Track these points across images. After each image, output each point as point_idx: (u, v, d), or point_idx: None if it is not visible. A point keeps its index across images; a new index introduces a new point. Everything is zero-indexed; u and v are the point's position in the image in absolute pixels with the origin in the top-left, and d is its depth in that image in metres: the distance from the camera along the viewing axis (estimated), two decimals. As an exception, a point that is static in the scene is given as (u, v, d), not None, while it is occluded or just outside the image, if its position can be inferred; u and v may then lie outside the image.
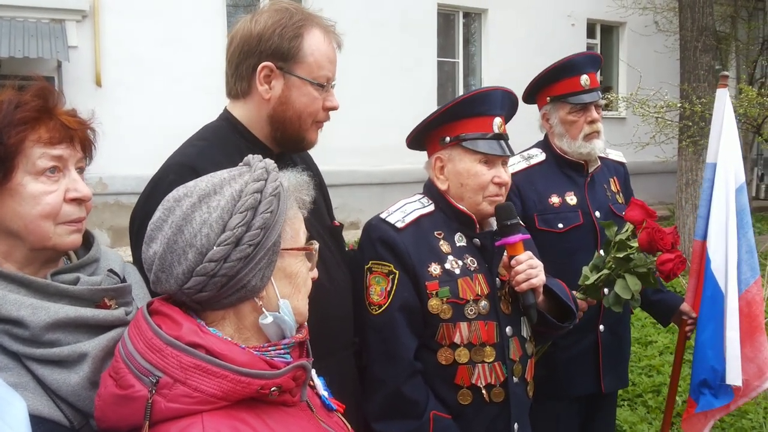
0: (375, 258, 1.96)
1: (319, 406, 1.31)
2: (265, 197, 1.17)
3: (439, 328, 1.92)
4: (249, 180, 1.18)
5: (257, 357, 1.13)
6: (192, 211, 1.14)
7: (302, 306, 1.26)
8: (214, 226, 1.12)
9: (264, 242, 1.16)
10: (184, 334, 1.10)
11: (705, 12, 8.45)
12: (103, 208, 9.14)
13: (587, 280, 2.36)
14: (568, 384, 2.61)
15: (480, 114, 1.98)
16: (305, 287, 1.27)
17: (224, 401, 1.07)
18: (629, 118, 10.86)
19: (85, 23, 8.95)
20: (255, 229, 1.14)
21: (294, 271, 1.24)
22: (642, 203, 2.31)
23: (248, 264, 1.14)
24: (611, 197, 2.73)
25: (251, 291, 1.17)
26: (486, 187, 1.99)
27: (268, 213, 1.16)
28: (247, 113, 1.80)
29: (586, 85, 2.62)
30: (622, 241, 2.30)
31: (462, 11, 11.93)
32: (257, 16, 1.74)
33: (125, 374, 1.09)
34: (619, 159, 2.90)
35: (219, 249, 1.11)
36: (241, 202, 1.15)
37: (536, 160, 2.71)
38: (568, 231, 2.60)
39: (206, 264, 1.11)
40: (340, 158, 10.24)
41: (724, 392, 2.63)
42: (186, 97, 8.77)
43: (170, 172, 1.65)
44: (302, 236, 1.27)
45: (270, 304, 1.20)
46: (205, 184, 1.17)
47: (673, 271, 2.22)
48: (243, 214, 1.13)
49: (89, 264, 1.34)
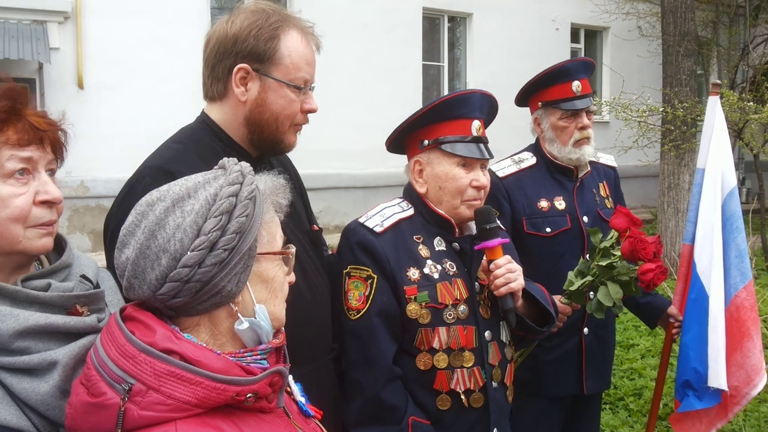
0: (353, 262, 1.95)
1: (296, 413, 1.30)
2: (240, 201, 1.15)
3: (418, 333, 1.92)
4: (224, 183, 1.16)
5: (233, 363, 1.11)
6: (165, 215, 1.12)
7: (279, 311, 1.24)
8: (188, 231, 1.11)
9: (239, 247, 1.14)
10: (158, 341, 1.08)
11: (687, 17, 8.54)
12: (85, 211, 9.05)
13: (572, 285, 2.38)
14: (551, 384, 2.64)
15: (458, 117, 1.98)
16: (282, 292, 1.25)
17: (199, 408, 1.06)
18: (612, 122, 10.94)
19: (66, 24, 8.85)
20: (230, 234, 1.13)
21: (270, 275, 1.22)
22: (627, 211, 2.33)
23: (223, 269, 1.12)
24: (600, 202, 2.76)
25: (226, 296, 1.15)
26: (464, 191, 1.98)
27: (243, 217, 1.15)
28: (223, 116, 1.78)
29: (578, 91, 2.63)
30: (606, 248, 2.32)
31: (447, 15, 11.97)
32: (233, 17, 1.73)
33: (97, 382, 1.07)
34: (610, 163, 2.92)
35: (193, 254, 1.10)
36: (216, 206, 1.13)
37: (527, 164, 2.72)
38: (555, 235, 2.62)
39: (180, 269, 1.09)
40: (324, 161, 10.23)
41: (709, 395, 2.64)
42: (169, 99, 8.70)
43: (145, 176, 1.63)
44: (279, 240, 1.25)
45: (246, 309, 1.18)
46: (179, 188, 1.16)
47: (653, 281, 2.23)
48: (218, 218, 1.12)
49: (61, 270, 1.31)
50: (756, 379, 2.67)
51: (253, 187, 1.20)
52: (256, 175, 1.26)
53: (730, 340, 2.64)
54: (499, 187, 2.62)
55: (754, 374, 2.67)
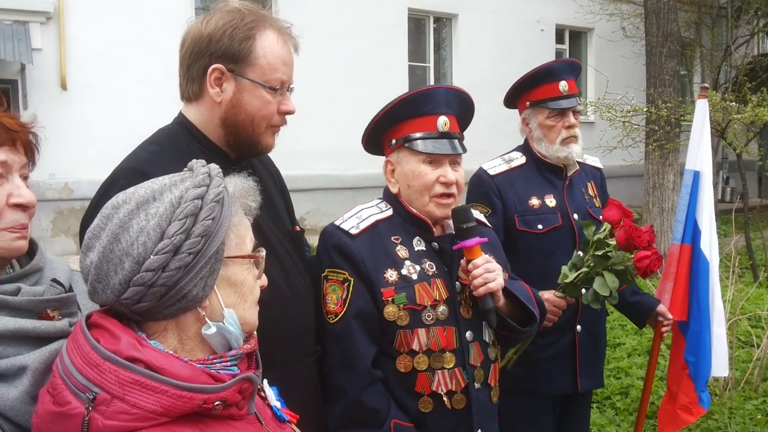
0: (330, 266, 1.93)
1: (269, 418, 1.28)
2: (206, 203, 1.13)
3: (397, 336, 1.90)
4: (190, 186, 1.14)
5: (200, 370, 1.09)
6: (129, 218, 1.10)
7: (249, 315, 1.21)
8: (152, 234, 1.09)
9: (205, 250, 1.12)
10: (123, 348, 1.05)
11: (669, 18, 8.62)
12: (69, 213, 8.96)
13: (566, 278, 2.41)
14: (545, 383, 2.66)
15: (423, 114, 1.96)
16: (252, 296, 1.23)
17: (164, 417, 1.03)
18: (597, 123, 11.02)
19: (49, 25, 8.76)
20: (195, 237, 1.10)
21: (239, 279, 1.19)
22: (619, 203, 2.40)
23: (188, 273, 1.10)
24: (589, 200, 2.79)
25: (193, 301, 1.13)
26: (431, 188, 1.95)
27: (209, 220, 1.12)
28: (200, 116, 1.75)
29: (565, 90, 2.67)
30: (600, 239, 2.36)
31: (432, 16, 11.99)
32: (209, 17, 1.71)
33: (62, 390, 1.05)
34: (596, 165, 2.97)
35: (156, 258, 1.07)
36: (181, 208, 1.11)
37: (517, 163, 2.76)
38: (547, 232, 2.65)
39: (143, 274, 1.07)
40: (312, 162, 10.21)
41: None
42: (153, 99, 8.62)
43: (121, 177, 1.61)
44: (249, 243, 1.23)
45: (214, 314, 1.16)
46: (144, 191, 1.14)
47: (649, 267, 2.29)
48: (182, 221, 1.10)
49: (32, 274, 1.30)
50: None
51: (220, 189, 1.17)
52: (226, 178, 1.23)
53: None
54: (490, 184, 2.67)
55: None
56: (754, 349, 4.98)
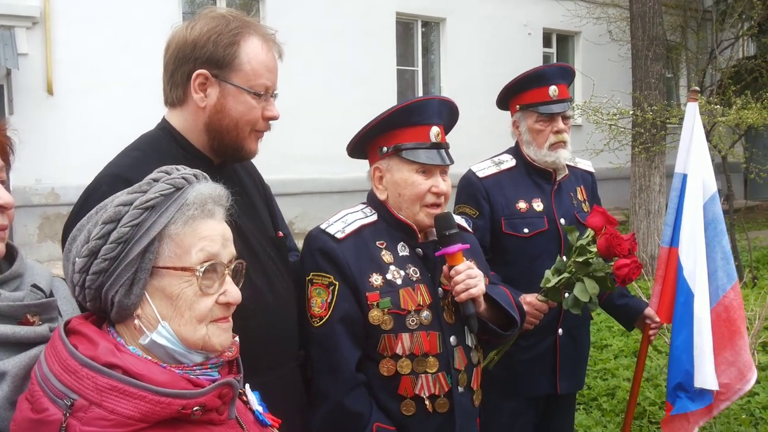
0: (315, 269, 1.94)
1: (251, 422, 1.28)
2: (131, 209, 1.12)
3: (381, 339, 1.91)
4: (129, 191, 1.16)
5: (179, 376, 1.09)
6: (87, 221, 1.14)
7: (187, 332, 1.14)
8: (84, 237, 1.13)
9: (122, 257, 1.11)
10: (100, 354, 1.06)
11: (655, 22, 8.68)
12: (56, 219, 8.89)
13: (549, 282, 2.42)
14: (525, 384, 2.67)
15: (416, 123, 1.98)
16: (191, 311, 1.14)
17: (143, 423, 1.04)
18: (585, 126, 11.07)
19: (35, 30, 8.70)
20: (111, 243, 1.11)
21: (174, 292, 1.13)
22: (603, 210, 2.39)
23: (108, 278, 1.11)
24: (577, 205, 2.80)
25: (124, 308, 1.12)
26: (423, 197, 1.98)
27: (127, 227, 1.11)
28: (184, 122, 1.76)
29: (555, 95, 2.68)
30: (583, 246, 2.37)
31: (421, 20, 12.02)
32: (193, 22, 1.71)
33: (40, 397, 1.05)
34: (588, 168, 2.97)
35: (80, 260, 1.11)
36: (101, 213, 1.14)
37: (506, 166, 2.76)
38: (533, 236, 2.66)
39: (75, 274, 1.12)
40: (301, 166, 10.20)
41: (700, 396, 2.71)
42: (140, 104, 8.57)
43: (103, 183, 1.61)
44: (195, 255, 1.15)
45: (150, 324, 1.14)
46: (117, 195, 1.17)
47: (628, 275, 2.29)
48: (101, 226, 1.11)
49: (12, 279, 1.30)
50: (748, 374, 2.76)
51: (155, 195, 1.14)
52: (197, 185, 1.20)
53: (719, 339, 2.71)
54: (478, 187, 2.67)
55: (746, 370, 2.75)
56: (738, 349, 5.02)
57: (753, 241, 8.88)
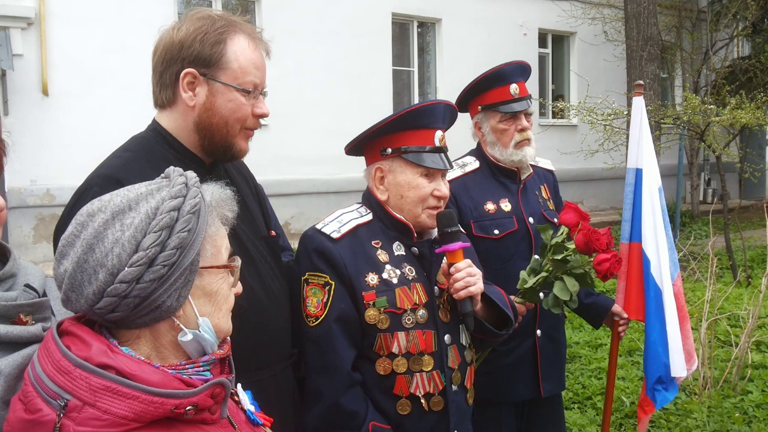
0: (311, 269, 1.95)
1: (243, 422, 1.29)
2: (182, 215, 1.13)
3: (377, 339, 1.92)
4: (166, 196, 1.14)
5: (171, 376, 1.10)
6: (105, 228, 1.10)
7: (223, 323, 1.23)
8: (126, 246, 1.08)
9: (180, 262, 1.12)
10: (94, 355, 1.06)
11: (649, 22, 8.73)
12: (51, 220, 8.87)
13: (525, 284, 2.40)
14: (508, 389, 2.65)
15: (422, 127, 1.99)
16: (227, 304, 1.24)
17: (136, 423, 1.04)
18: (580, 126, 11.10)
19: (30, 31, 8.68)
20: (170, 249, 1.10)
21: (214, 289, 1.20)
22: (575, 206, 2.37)
23: (162, 284, 1.10)
24: (543, 204, 2.80)
25: (166, 311, 1.13)
26: (426, 200, 2.00)
27: (185, 232, 1.12)
28: (173, 122, 1.76)
29: (516, 94, 2.67)
30: (559, 243, 2.35)
31: (416, 21, 12.04)
32: (180, 24, 1.73)
33: (33, 398, 1.05)
34: (548, 167, 2.96)
35: (131, 270, 1.07)
36: (156, 220, 1.11)
37: (470, 168, 2.75)
38: (503, 237, 2.65)
39: (117, 285, 1.07)
40: (297, 167, 10.20)
41: (673, 386, 2.77)
42: (135, 105, 8.55)
43: (94, 184, 1.61)
44: (224, 253, 1.23)
45: (189, 322, 1.17)
46: (120, 200, 1.13)
47: (609, 270, 2.28)
48: (158, 233, 1.10)
49: (5, 279, 1.29)
50: (694, 355, 2.84)
51: (197, 200, 1.17)
52: (203, 186, 1.23)
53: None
54: None
55: (693, 352, 2.83)
56: (732, 348, 5.04)
57: (747, 241, 8.92)
